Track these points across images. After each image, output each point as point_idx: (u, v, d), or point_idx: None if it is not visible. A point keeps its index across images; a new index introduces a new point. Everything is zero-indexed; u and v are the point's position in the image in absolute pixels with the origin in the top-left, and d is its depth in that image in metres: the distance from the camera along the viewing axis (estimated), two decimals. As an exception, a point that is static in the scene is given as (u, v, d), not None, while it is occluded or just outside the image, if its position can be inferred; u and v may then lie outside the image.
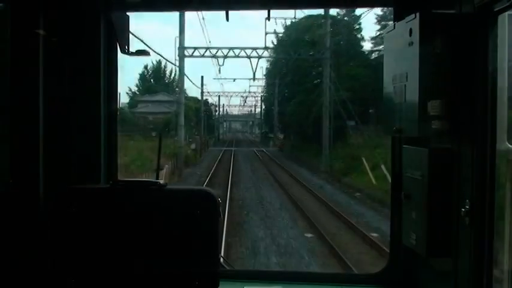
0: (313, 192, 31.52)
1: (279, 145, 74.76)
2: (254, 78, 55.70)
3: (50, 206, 3.35)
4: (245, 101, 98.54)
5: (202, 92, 77.48)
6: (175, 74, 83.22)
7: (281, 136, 76.85)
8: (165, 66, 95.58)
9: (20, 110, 3.79)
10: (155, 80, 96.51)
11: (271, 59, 72.84)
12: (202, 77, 79.57)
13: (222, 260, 4.02)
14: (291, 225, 22.88)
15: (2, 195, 3.66)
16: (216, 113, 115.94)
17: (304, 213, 24.81)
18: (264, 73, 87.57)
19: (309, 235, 20.99)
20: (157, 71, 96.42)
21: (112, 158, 4.16)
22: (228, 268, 4.28)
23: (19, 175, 3.75)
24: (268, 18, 4.23)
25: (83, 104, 3.98)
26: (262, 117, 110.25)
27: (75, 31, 3.95)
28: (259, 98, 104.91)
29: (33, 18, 3.80)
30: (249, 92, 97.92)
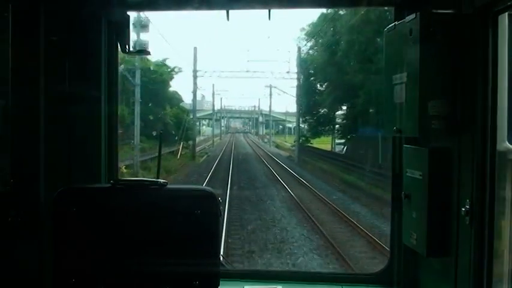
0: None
1: None
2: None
3: (50, 206, 3.34)
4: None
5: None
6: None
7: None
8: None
9: (21, 110, 3.79)
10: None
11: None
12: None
13: (222, 259, 4.02)
14: None
15: (2, 195, 3.66)
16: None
17: None
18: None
19: None
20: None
21: (112, 157, 4.16)
22: (228, 268, 4.29)
23: (19, 175, 3.75)
24: (269, 17, 4.23)
25: (83, 104, 3.98)
26: (300, 101, 48.31)
27: (75, 31, 3.96)
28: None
29: (34, 18, 3.80)
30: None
